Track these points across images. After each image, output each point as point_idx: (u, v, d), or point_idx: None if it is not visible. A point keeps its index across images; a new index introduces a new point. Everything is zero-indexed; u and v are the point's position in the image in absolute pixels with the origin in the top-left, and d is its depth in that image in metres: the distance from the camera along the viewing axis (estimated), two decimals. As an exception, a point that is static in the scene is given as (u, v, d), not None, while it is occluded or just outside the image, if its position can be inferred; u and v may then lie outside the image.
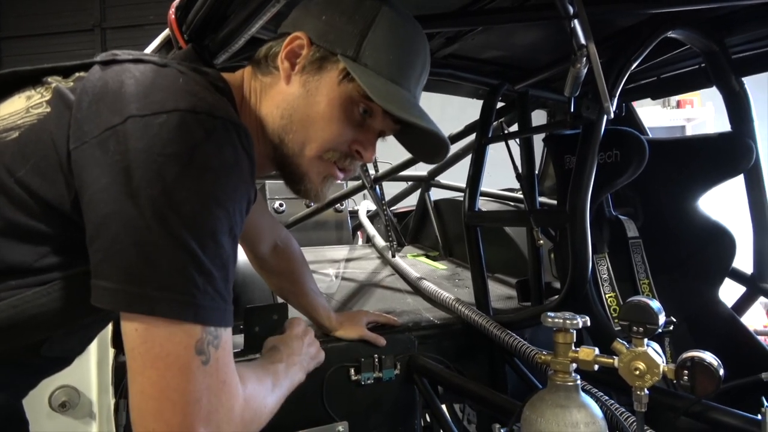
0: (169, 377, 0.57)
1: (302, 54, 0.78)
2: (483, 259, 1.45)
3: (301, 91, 0.78)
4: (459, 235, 2.20)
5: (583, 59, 1.00)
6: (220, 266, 0.60)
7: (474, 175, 1.48)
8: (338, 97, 0.77)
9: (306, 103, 0.77)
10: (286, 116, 0.78)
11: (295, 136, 0.78)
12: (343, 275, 1.86)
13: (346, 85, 0.77)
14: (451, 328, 1.42)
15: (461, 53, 1.46)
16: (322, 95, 0.77)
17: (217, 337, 0.60)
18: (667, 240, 1.49)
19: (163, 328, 0.57)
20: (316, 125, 0.78)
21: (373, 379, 1.24)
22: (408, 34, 0.81)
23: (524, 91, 1.56)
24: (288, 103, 0.78)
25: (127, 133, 0.59)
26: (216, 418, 0.60)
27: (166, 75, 0.66)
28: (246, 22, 0.94)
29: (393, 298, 1.63)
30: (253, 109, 0.82)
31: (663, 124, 4.68)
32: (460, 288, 1.76)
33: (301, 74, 0.78)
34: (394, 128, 0.85)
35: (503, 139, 1.41)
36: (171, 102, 0.61)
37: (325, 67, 0.77)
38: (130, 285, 0.57)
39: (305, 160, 0.80)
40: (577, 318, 0.78)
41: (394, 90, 0.77)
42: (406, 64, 0.80)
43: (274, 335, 1.16)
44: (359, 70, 0.75)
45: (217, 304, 0.60)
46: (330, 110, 0.77)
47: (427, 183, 2.27)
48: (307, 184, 0.82)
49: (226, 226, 0.61)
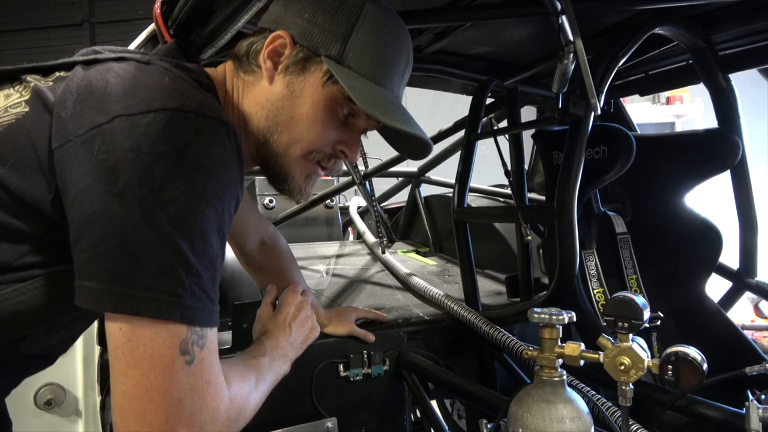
0: (152, 377, 0.57)
1: (285, 53, 0.78)
2: (472, 255, 1.45)
3: (285, 92, 0.78)
4: (449, 231, 2.20)
5: (571, 55, 1.01)
6: (209, 266, 0.60)
7: (463, 171, 1.48)
8: (322, 99, 0.77)
9: (291, 105, 0.78)
10: (271, 117, 0.78)
11: (280, 136, 0.79)
12: (333, 271, 1.86)
13: (330, 87, 0.77)
14: (441, 324, 1.43)
15: (450, 49, 1.46)
16: (306, 97, 0.77)
17: (203, 337, 0.60)
18: (655, 236, 1.50)
19: (148, 328, 0.57)
20: (301, 126, 0.78)
21: (362, 375, 1.24)
22: (391, 32, 0.80)
23: (513, 87, 1.56)
24: (272, 104, 0.78)
25: (114, 132, 0.58)
26: (199, 419, 0.59)
27: (150, 73, 0.65)
28: (232, 17, 0.93)
29: (383, 294, 1.63)
30: (236, 106, 0.81)
31: (652, 121, 4.71)
32: (449, 284, 1.77)
33: (284, 74, 0.78)
34: (377, 126, 0.85)
35: (492, 135, 1.41)
36: (158, 101, 0.60)
37: (308, 67, 0.77)
38: (116, 285, 0.56)
39: (290, 160, 0.80)
40: (564, 314, 0.78)
41: (378, 93, 0.77)
42: (390, 64, 0.79)
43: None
44: (343, 73, 0.74)
45: (203, 304, 0.59)
46: (314, 112, 0.78)
47: (417, 179, 2.26)
48: (291, 183, 0.83)
49: (215, 225, 0.60)
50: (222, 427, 0.62)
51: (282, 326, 0.97)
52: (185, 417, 0.58)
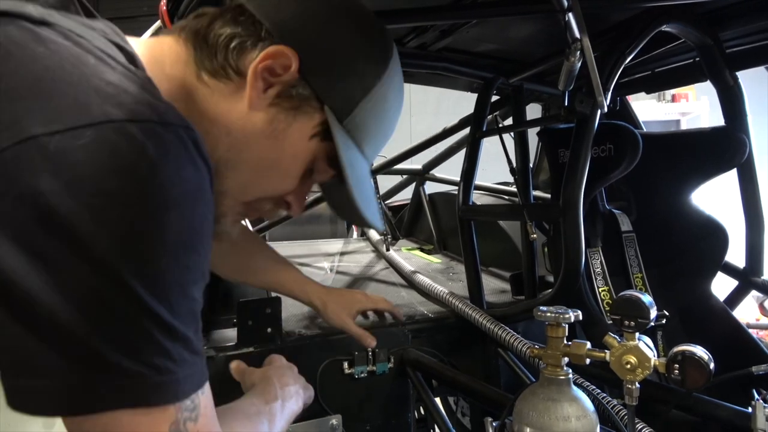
0: None
1: (282, 79, 0.60)
2: (477, 253, 1.45)
3: (266, 129, 0.60)
4: (453, 229, 2.20)
5: (577, 53, 1.00)
6: (192, 320, 0.47)
7: (468, 168, 1.47)
8: (303, 153, 0.63)
9: (266, 146, 0.61)
10: (236, 150, 0.60)
11: (237, 175, 0.61)
12: (338, 269, 1.86)
13: (318, 144, 0.63)
14: (445, 322, 1.43)
15: (456, 46, 1.46)
16: (288, 144, 0.62)
17: (196, 408, 0.48)
18: (661, 234, 1.49)
19: (132, 420, 0.43)
20: (266, 174, 0.63)
21: (366, 372, 1.24)
22: (396, 101, 0.69)
23: (519, 85, 1.56)
24: (243, 135, 0.60)
25: (33, 159, 0.38)
26: None
27: (62, 52, 0.44)
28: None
29: (387, 292, 1.63)
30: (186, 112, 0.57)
31: (658, 118, 4.69)
32: (454, 281, 1.77)
33: (270, 104, 0.60)
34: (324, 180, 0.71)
35: (497, 132, 1.41)
36: (94, 107, 0.41)
37: (302, 109, 0.61)
38: (77, 379, 0.41)
39: (233, 203, 0.64)
40: (569, 312, 0.78)
41: (364, 171, 0.66)
42: (380, 137, 0.69)
43: (267, 329, 1.16)
44: (343, 140, 0.62)
45: (194, 368, 0.47)
46: (290, 165, 0.63)
47: (422, 176, 2.26)
48: (222, 226, 0.65)
49: (198, 271, 0.47)
50: None
51: (286, 367, 0.88)
52: None
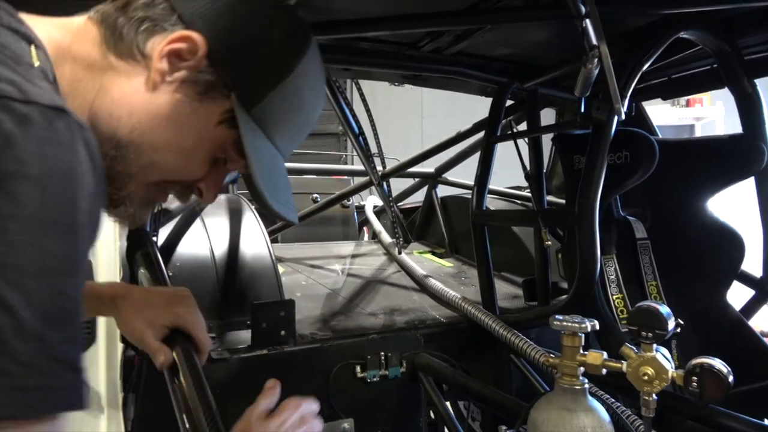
0: None
1: (189, 64, 0.59)
2: (490, 258, 1.45)
3: (169, 112, 0.60)
4: (465, 233, 2.19)
5: (595, 60, 1.00)
6: (60, 322, 0.42)
7: (482, 173, 1.47)
8: (209, 139, 0.62)
9: (170, 129, 0.60)
10: (138, 132, 0.59)
11: (140, 157, 0.60)
12: (350, 271, 1.87)
13: (223, 131, 0.62)
14: (457, 327, 1.43)
15: (470, 51, 1.46)
16: (193, 129, 0.61)
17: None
18: (676, 241, 1.48)
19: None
20: (171, 157, 0.62)
21: (378, 376, 1.24)
22: (313, 94, 0.68)
23: (533, 90, 1.55)
24: (147, 117, 0.59)
25: None
26: None
27: None
28: None
29: (399, 295, 1.63)
30: (84, 93, 0.59)
31: (672, 123, 4.65)
32: (466, 286, 1.76)
33: (176, 88, 0.59)
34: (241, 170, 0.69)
35: (512, 138, 1.41)
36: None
37: (212, 97, 0.61)
38: None
39: (137, 185, 0.62)
40: (586, 322, 0.78)
41: (274, 161, 0.65)
42: (295, 131, 0.67)
43: (281, 331, 1.17)
44: (249, 130, 0.61)
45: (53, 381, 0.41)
46: (195, 150, 0.62)
47: (434, 180, 2.26)
48: (128, 208, 0.64)
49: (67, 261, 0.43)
50: None
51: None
52: None
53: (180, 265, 1.25)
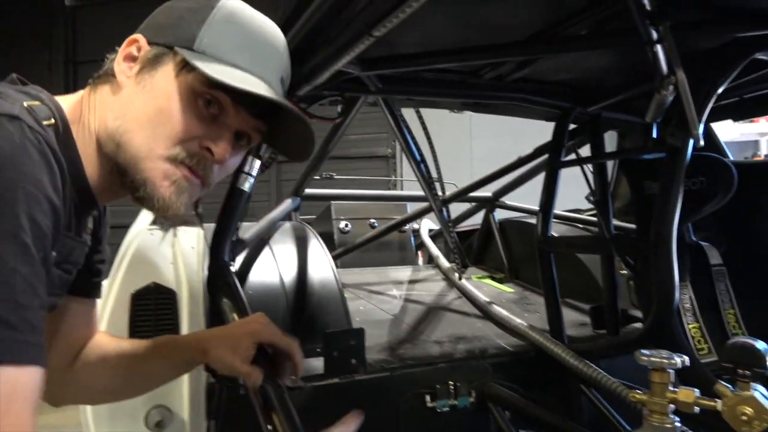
0: None
1: (140, 57, 0.71)
2: (557, 286, 1.42)
3: (136, 89, 0.70)
4: (525, 257, 2.17)
5: (670, 87, 0.98)
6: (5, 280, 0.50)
7: (546, 200, 1.46)
8: (177, 89, 0.69)
9: (142, 100, 0.69)
10: (120, 116, 0.69)
11: (133, 136, 0.68)
12: (410, 297, 1.87)
13: (186, 76, 0.69)
14: (525, 356, 1.40)
15: (532, 77, 1.46)
16: (159, 89, 0.69)
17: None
18: (753, 267, 1.42)
19: None
20: (156, 121, 0.68)
21: (448, 406, 1.24)
22: (253, 22, 0.74)
23: (597, 114, 1.54)
24: (121, 104, 0.70)
25: None
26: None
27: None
28: (334, 56, 0.97)
29: (462, 323, 1.62)
30: (89, 126, 0.71)
31: (734, 139, 4.47)
32: (530, 313, 1.74)
33: (136, 76, 0.71)
34: (255, 126, 0.75)
35: (577, 164, 1.39)
36: None
37: (161, 61, 0.70)
38: None
39: (149, 163, 0.68)
40: (675, 357, 0.76)
41: (239, 73, 0.69)
42: (251, 50, 0.72)
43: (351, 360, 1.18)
44: (196, 57, 0.68)
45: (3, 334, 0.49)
46: (169, 103, 0.69)
47: (492, 204, 2.25)
48: (152, 191, 0.69)
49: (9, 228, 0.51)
50: None
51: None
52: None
53: (252, 293, 1.29)
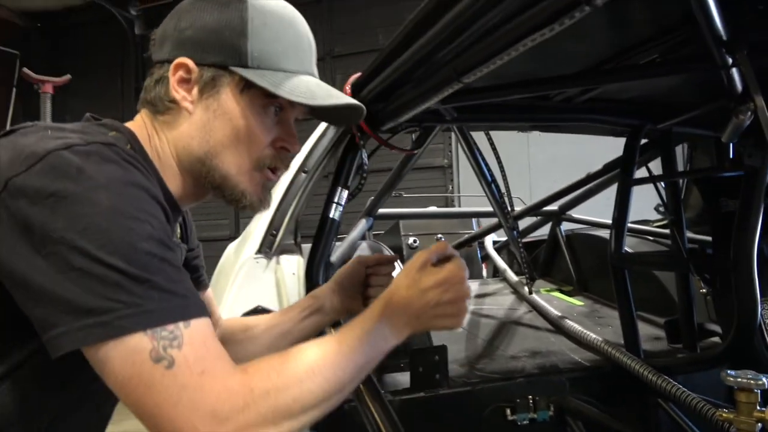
0: (142, 397, 0.58)
1: (192, 79, 0.76)
2: (632, 302, 1.45)
3: (209, 116, 0.77)
4: (593, 270, 2.18)
5: (748, 112, 1.00)
6: (157, 269, 0.60)
7: (619, 216, 1.48)
8: (247, 107, 0.76)
9: (219, 125, 0.76)
10: (204, 143, 0.77)
11: (223, 158, 0.77)
12: (481, 312, 1.92)
13: (248, 93, 0.76)
14: (601, 371, 1.43)
15: (601, 96, 1.49)
16: (230, 112, 0.76)
17: (177, 336, 0.59)
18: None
19: (115, 351, 0.57)
20: (238, 141, 0.77)
21: (528, 419, 1.29)
22: (282, 18, 0.79)
23: (668, 130, 1.55)
24: (201, 131, 0.77)
25: (12, 194, 0.59)
26: (207, 408, 0.58)
27: (31, 133, 0.65)
28: (416, 99, 1.05)
29: (536, 338, 1.66)
30: (162, 149, 0.79)
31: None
32: (603, 327, 1.76)
33: (200, 100, 0.77)
34: (305, 112, 0.84)
35: (650, 181, 1.41)
36: (41, 149, 0.61)
37: (220, 83, 0.76)
38: (78, 320, 0.57)
39: (242, 178, 0.79)
40: (763, 378, 0.79)
41: (295, 79, 0.77)
42: (294, 49, 0.79)
43: (435, 375, 1.26)
44: (256, 75, 0.75)
45: (168, 303, 0.59)
46: (245, 122, 0.76)
47: (558, 217, 2.27)
48: (248, 198, 0.80)
49: (144, 233, 0.60)
50: (240, 399, 0.60)
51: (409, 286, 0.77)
52: (189, 414, 0.58)
53: (339, 311, 1.38)
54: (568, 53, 1.18)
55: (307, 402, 0.64)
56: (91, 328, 0.56)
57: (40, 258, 0.58)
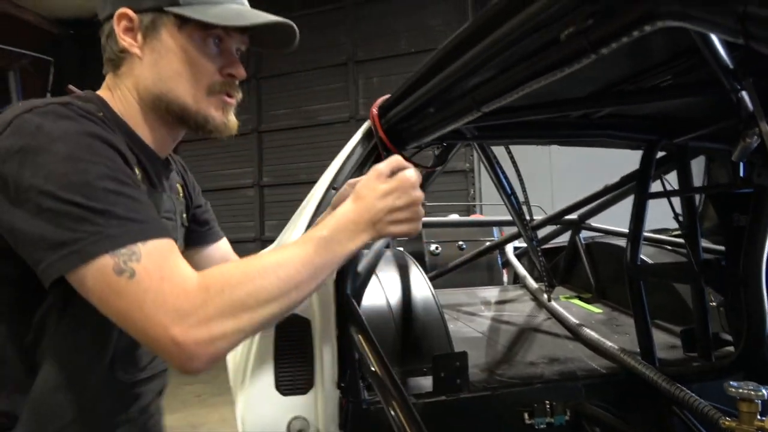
0: (115, 305, 0.68)
1: (135, 26, 0.85)
2: (647, 312, 1.50)
3: (156, 56, 0.85)
4: (612, 278, 2.22)
5: (755, 136, 1.06)
6: (114, 202, 0.69)
7: (635, 229, 1.53)
8: (187, 41, 0.85)
9: (166, 62, 0.85)
10: (158, 80, 0.86)
11: (176, 92, 0.86)
12: (501, 318, 1.99)
13: (186, 28, 0.85)
14: (616, 378, 1.49)
15: (618, 113, 1.54)
16: (173, 48, 0.85)
17: (135, 252, 0.68)
18: None
19: (89, 272, 0.67)
20: (187, 73, 0.85)
21: (545, 423, 1.35)
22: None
23: (684, 145, 1.59)
24: (152, 70, 0.86)
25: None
26: (169, 305, 0.67)
27: (11, 109, 0.76)
28: (439, 123, 1.13)
29: (554, 344, 1.72)
30: (128, 98, 0.88)
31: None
32: (620, 335, 1.81)
33: (145, 44, 0.85)
34: (244, 40, 0.92)
35: (664, 195, 1.46)
36: (10, 116, 0.73)
37: (160, 24, 0.85)
38: (55, 253, 0.67)
39: (199, 106, 0.87)
40: (762, 390, 0.84)
41: (226, 9, 0.86)
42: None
43: (456, 380, 1.33)
44: (187, 10, 0.83)
45: (126, 228, 0.69)
46: (188, 55, 0.85)
47: (577, 226, 2.32)
48: (212, 122, 0.89)
49: (99, 173, 0.70)
50: (197, 297, 0.69)
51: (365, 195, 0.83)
52: (155, 312, 0.67)
53: (366, 318, 1.47)
54: (585, 75, 1.24)
55: (261, 297, 0.72)
56: (66, 257, 0.67)
57: (17, 207, 0.69)
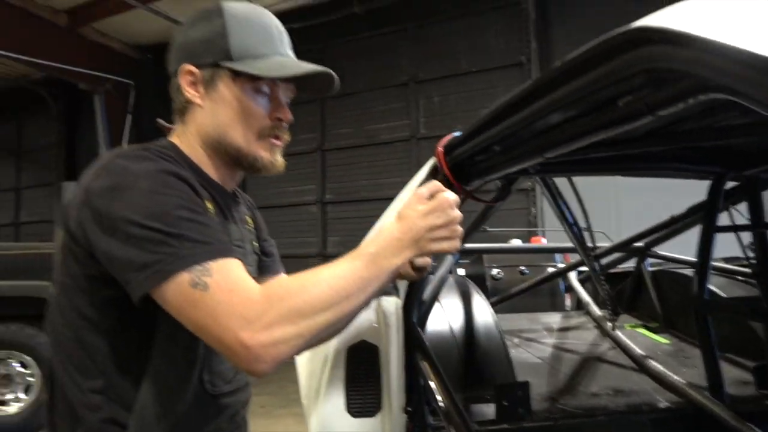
0: (192, 315, 0.79)
1: (197, 80, 0.98)
2: (715, 345, 1.48)
3: (214, 105, 0.98)
4: (680, 308, 2.18)
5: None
6: (188, 227, 0.81)
7: (702, 262, 1.52)
8: (240, 91, 0.97)
9: (223, 110, 0.98)
10: (214, 126, 0.99)
11: (230, 136, 0.98)
12: (563, 346, 1.99)
13: (239, 80, 0.97)
14: (683, 413, 1.47)
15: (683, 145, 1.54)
16: (229, 98, 0.97)
17: (207, 269, 0.79)
18: None
19: (169, 288, 0.79)
20: (240, 120, 0.98)
21: (610, 458, 1.36)
22: (252, 16, 1.00)
23: (754, 177, 1.57)
24: (211, 118, 0.99)
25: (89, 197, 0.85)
26: (236, 312, 0.77)
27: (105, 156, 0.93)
28: (503, 164, 1.19)
29: (618, 375, 1.72)
30: (193, 143, 1.01)
31: None
32: (688, 368, 1.77)
33: (206, 95, 0.98)
34: (292, 89, 1.04)
35: (732, 230, 1.45)
36: (105, 161, 0.89)
37: (217, 77, 0.97)
38: (141, 273, 0.79)
39: (250, 148, 1.00)
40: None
41: (272, 61, 0.98)
42: (266, 36, 1.00)
43: (519, 409, 1.37)
44: (239, 65, 0.96)
45: (198, 249, 0.80)
46: (241, 104, 0.98)
47: (643, 253, 2.29)
48: (261, 161, 1.01)
49: (174, 203, 0.83)
50: (261, 305, 0.79)
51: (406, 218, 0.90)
52: (226, 319, 0.77)
53: (430, 345, 1.53)
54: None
55: (316, 305, 0.81)
56: (149, 276, 0.79)
57: (109, 236, 0.82)
